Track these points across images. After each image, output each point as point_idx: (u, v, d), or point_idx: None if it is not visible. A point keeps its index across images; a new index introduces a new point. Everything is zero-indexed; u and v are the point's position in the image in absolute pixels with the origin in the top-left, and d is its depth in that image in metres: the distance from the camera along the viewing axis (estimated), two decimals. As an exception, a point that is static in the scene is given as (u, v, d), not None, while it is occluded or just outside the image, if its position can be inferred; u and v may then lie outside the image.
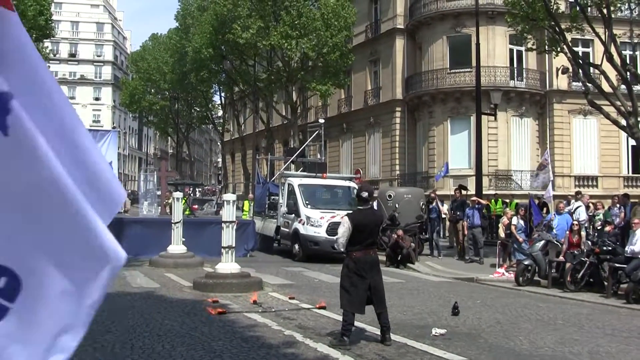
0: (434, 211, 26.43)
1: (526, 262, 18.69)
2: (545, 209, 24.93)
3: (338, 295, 15.11)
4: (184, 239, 20.89)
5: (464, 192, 27.60)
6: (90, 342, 9.26)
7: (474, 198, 25.19)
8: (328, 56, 44.40)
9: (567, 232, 18.72)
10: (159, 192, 35.97)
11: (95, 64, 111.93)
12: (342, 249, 10.22)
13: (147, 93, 79.26)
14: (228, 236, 15.64)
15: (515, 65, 43.32)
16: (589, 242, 18.15)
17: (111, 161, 25.39)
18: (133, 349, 9.14)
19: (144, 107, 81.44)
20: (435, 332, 10.71)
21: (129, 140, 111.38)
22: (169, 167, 55.20)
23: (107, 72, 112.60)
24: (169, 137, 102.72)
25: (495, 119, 34.41)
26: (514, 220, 20.88)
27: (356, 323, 11.47)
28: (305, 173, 28.86)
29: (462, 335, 10.91)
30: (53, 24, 45.78)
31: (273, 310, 12.78)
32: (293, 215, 25.04)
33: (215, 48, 53.01)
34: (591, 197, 27.08)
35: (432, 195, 27.88)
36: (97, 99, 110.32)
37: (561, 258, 18.15)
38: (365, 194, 10.42)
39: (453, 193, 28.13)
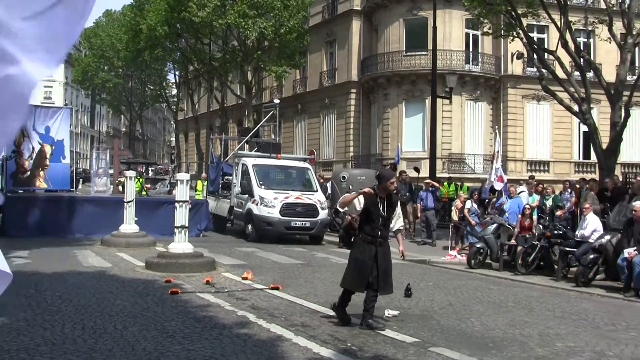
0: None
1: (478, 245, 18.84)
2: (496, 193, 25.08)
3: (291, 276, 15.15)
4: (136, 218, 20.67)
5: (415, 174, 27.48)
6: (40, 322, 9.09)
7: (428, 181, 25.24)
8: (285, 37, 44.14)
9: (519, 216, 18.92)
10: (111, 171, 35.54)
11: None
12: None
13: (100, 70, 78.43)
14: (181, 216, 15.54)
15: (470, 50, 43.56)
16: (540, 226, 18.36)
17: (63, 139, 25.03)
18: (84, 329, 9.00)
19: (96, 84, 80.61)
20: (388, 314, 10.73)
21: (81, 118, 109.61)
22: (121, 145, 54.50)
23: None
24: (122, 116, 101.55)
25: (450, 102, 34.64)
26: (468, 204, 21.03)
27: (310, 305, 11.49)
28: (259, 153, 28.65)
29: (414, 316, 10.96)
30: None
31: (226, 290, 12.70)
32: (246, 195, 24.89)
33: (171, 26, 52.11)
34: (542, 181, 27.30)
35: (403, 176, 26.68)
36: (48, 75, 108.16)
37: (513, 241, 18.33)
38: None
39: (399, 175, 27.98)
